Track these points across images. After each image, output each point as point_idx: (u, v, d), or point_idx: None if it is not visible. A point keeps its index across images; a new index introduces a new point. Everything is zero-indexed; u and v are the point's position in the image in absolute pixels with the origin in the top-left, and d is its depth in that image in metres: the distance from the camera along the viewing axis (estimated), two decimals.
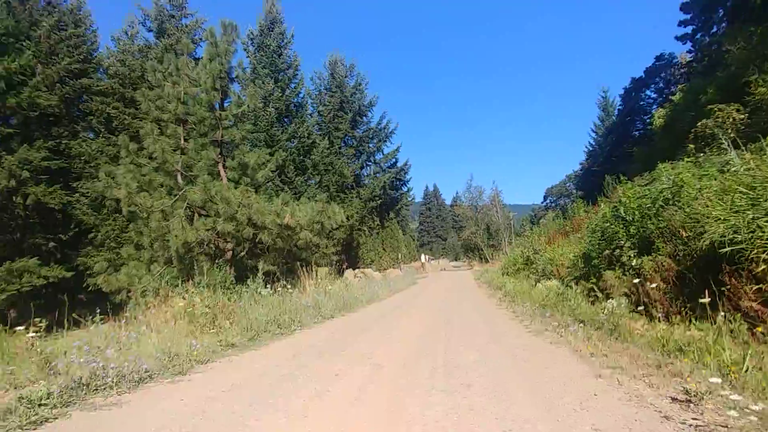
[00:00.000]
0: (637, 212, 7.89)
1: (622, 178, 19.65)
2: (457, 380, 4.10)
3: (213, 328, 6.47)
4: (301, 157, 20.50)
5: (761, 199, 4.45)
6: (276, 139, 19.32)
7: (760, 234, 4.16)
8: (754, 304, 3.91)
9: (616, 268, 7.83)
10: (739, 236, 4.33)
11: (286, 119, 20.92)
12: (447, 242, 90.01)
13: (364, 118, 30.51)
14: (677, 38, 32.14)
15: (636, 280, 6.65)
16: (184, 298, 7.94)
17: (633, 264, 7.20)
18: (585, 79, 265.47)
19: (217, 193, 11.02)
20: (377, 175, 30.50)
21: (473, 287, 18.24)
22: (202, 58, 13.56)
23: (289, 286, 11.24)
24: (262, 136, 18.63)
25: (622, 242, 7.74)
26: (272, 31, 20.73)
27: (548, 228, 19.92)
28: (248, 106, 15.41)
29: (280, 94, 20.22)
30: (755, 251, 4.12)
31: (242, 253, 13.53)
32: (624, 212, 8.06)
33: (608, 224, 8.41)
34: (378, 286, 16.39)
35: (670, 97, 25.46)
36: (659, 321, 4.97)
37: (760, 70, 18.04)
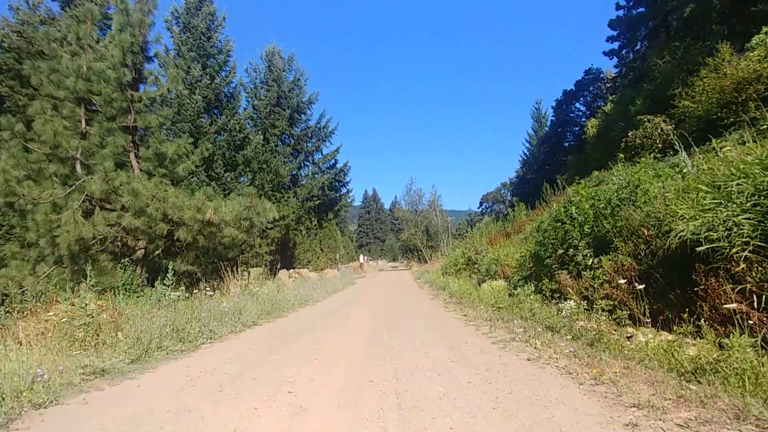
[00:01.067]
0: (590, 212, 7.56)
1: (560, 182, 20.05)
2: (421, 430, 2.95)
3: (94, 343, 5.16)
4: (232, 152, 18.94)
5: (732, 197, 4.06)
6: (203, 131, 17.64)
7: (739, 231, 3.72)
8: (737, 306, 3.42)
9: (570, 267, 7.42)
10: (715, 234, 3.89)
11: (216, 110, 19.24)
12: (385, 244, 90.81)
13: (302, 115, 29.16)
14: (605, 53, 34.08)
15: (596, 282, 6.25)
16: (72, 304, 6.51)
17: (589, 263, 6.79)
18: (520, 90, 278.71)
19: (122, 185, 9.49)
20: (316, 175, 29.25)
21: (415, 288, 17.54)
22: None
23: (209, 289, 9.96)
24: (187, 126, 16.91)
25: (576, 242, 7.34)
26: (200, 10, 18.99)
27: (489, 229, 19.84)
28: (169, 90, 13.85)
29: (209, 82, 18.53)
30: (734, 249, 3.67)
31: (157, 252, 11.97)
32: (576, 212, 7.69)
33: (559, 224, 8.01)
34: (313, 287, 15.32)
35: (601, 107, 26.59)
36: (625, 325, 4.46)
37: (683, 83, 19.17)
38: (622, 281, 5.23)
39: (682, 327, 3.84)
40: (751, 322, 3.38)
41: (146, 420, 3.31)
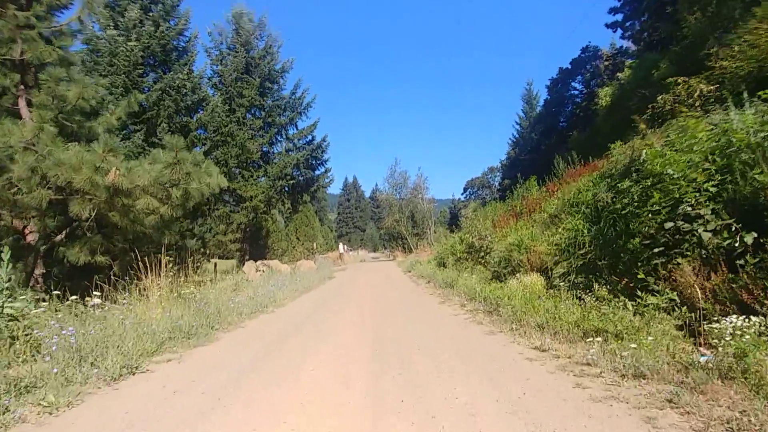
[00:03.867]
0: (718, 158, 4.57)
1: (573, 156, 17.17)
2: None
3: None
4: (183, 117, 15.46)
5: None
6: (141, 87, 14.13)
7: None
8: None
9: (688, 251, 4.42)
10: None
11: (163, 68, 15.67)
12: (366, 233, 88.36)
13: (275, 85, 25.56)
14: (607, 26, 31.69)
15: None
16: None
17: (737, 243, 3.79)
18: (505, 73, 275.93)
19: None
20: (290, 153, 25.79)
21: (409, 284, 14.27)
22: None
23: (125, 294, 6.74)
24: (121, 80, 13.36)
25: (695, 209, 4.34)
26: None
27: (494, 210, 16.85)
28: (81, 19, 10.33)
29: (153, 30, 14.94)
30: None
31: (59, 238, 8.58)
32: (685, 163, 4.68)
33: (652, 182, 5.00)
34: (281, 283, 12.09)
35: (617, 75, 23.64)
36: None
37: (718, 42, 16.54)
38: None
39: None
40: None
41: None
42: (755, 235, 3.94)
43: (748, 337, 3.11)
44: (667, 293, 4.31)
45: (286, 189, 25.85)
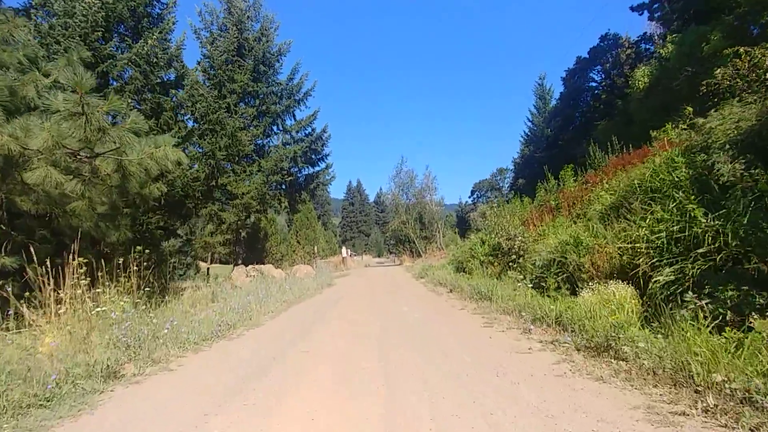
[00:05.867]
0: None
1: (591, 151, 14.69)
2: None
3: None
4: (157, 95, 13.12)
5: None
6: (104, 55, 11.83)
7: None
8: None
9: None
10: None
11: (134, 37, 13.35)
12: (370, 238, 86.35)
13: (270, 69, 23.21)
14: (632, 9, 29.37)
15: None
16: None
17: None
18: (512, 76, 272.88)
19: None
20: (287, 146, 23.42)
21: (427, 295, 11.62)
22: None
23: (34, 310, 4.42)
24: (74, 44, 11.05)
25: None
26: None
27: (521, 207, 14.36)
28: None
29: None
30: None
31: None
32: None
33: None
34: (267, 293, 9.67)
35: (660, 49, 20.99)
36: None
37: None
38: None
39: None
40: None
41: None
42: None
43: None
44: None
45: (283, 186, 23.48)
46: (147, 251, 10.35)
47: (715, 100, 14.23)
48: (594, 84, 35.79)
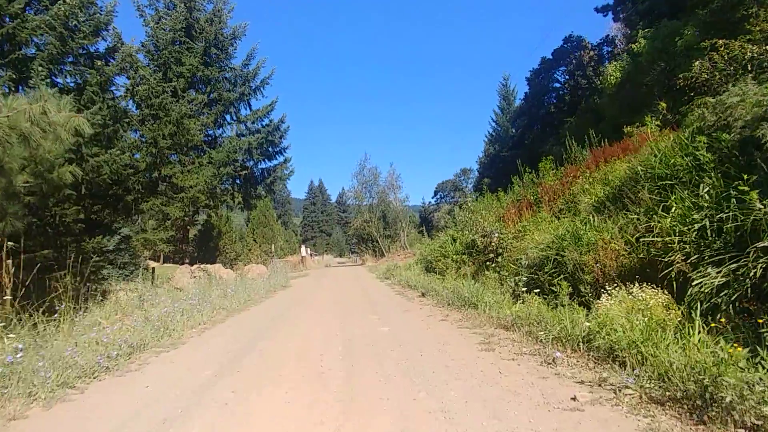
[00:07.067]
0: None
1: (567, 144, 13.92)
2: None
3: None
4: (80, 67, 11.18)
5: None
6: (10, 14, 9.77)
7: None
8: None
9: None
10: None
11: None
12: (332, 238, 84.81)
13: (223, 53, 21.27)
14: (597, 10, 29.59)
15: None
16: None
17: None
18: (474, 78, 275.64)
19: None
20: (241, 137, 21.58)
21: (395, 300, 9.95)
22: None
23: None
24: None
25: None
26: None
27: (497, 202, 13.31)
28: None
29: None
30: None
31: None
32: None
33: None
34: (204, 297, 8.09)
35: (622, 53, 20.70)
36: None
37: (758, 2, 13.86)
38: None
39: None
40: None
41: None
42: None
43: None
44: None
45: (237, 180, 21.62)
46: (50, 250, 8.61)
47: (691, 94, 13.71)
48: (558, 85, 35.92)
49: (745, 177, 3.89)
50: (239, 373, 4.34)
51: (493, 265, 9.20)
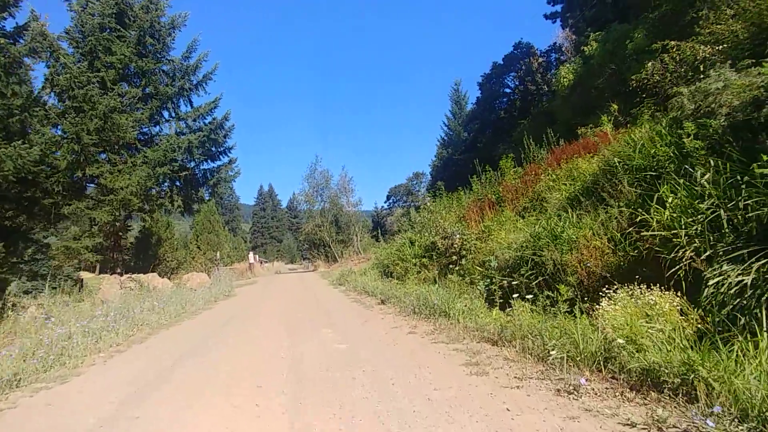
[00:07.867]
0: None
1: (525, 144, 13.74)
2: None
3: None
4: None
5: None
6: None
7: None
8: None
9: None
10: None
11: None
12: (283, 244, 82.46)
13: (160, 44, 19.53)
14: (546, 17, 30.74)
15: None
16: None
17: None
18: (417, 87, 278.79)
19: None
20: (181, 135, 19.88)
21: (353, 309, 8.73)
22: None
23: None
24: None
25: None
26: None
27: (456, 201, 12.70)
28: None
29: None
30: None
31: None
32: None
33: None
34: (125, 312, 6.82)
35: (584, 48, 21.00)
36: None
37: (708, 5, 14.21)
38: None
39: None
40: None
41: None
42: None
43: None
44: None
45: (177, 182, 19.87)
46: None
47: (643, 96, 13.76)
48: (509, 90, 36.53)
49: (765, 158, 3.33)
50: (137, 420, 3.24)
51: (457, 267, 8.52)
